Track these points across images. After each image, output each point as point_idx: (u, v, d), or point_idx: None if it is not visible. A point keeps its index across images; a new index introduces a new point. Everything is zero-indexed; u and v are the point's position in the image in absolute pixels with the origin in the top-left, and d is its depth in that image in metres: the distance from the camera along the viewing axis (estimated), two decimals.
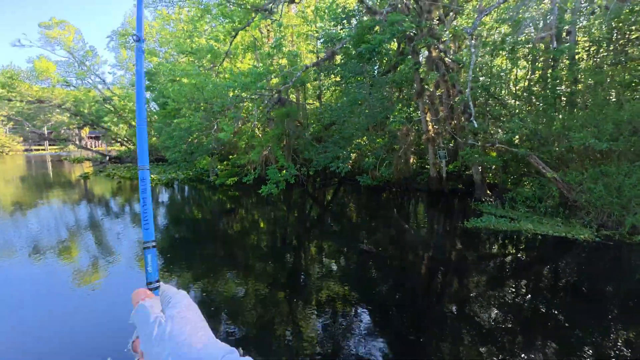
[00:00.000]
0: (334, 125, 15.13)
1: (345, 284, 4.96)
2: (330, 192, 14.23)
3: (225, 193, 13.64)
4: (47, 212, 10.50)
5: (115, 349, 3.45)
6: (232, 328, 3.87)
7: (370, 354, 3.33)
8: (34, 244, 7.06)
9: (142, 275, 2.86)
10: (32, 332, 3.83)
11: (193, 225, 9.12)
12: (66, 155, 36.99)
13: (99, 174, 20.20)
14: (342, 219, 9.37)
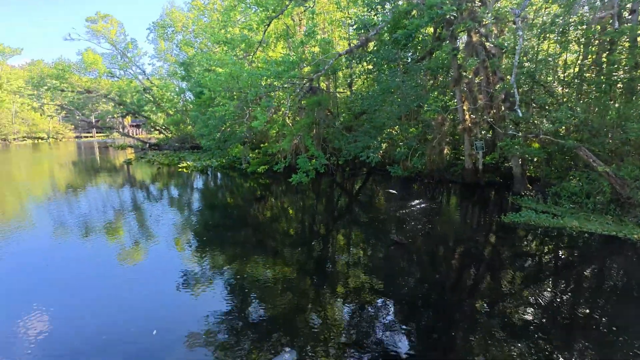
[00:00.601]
0: (364, 115, 14.88)
1: (373, 273, 4.96)
2: (360, 182, 14.12)
3: (256, 181, 13.99)
4: (96, 195, 11.39)
5: (152, 317, 3.73)
6: (261, 310, 4.02)
7: (395, 345, 3.33)
8: (85, 224, 7.72)
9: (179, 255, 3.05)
10: (88, 303, 4.23)
11: (226, 210, 9.48)
12: (111, 142, 39.65)
13: (140, 160, 21.49)
14: (371, 209, 9.30)
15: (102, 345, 3.34)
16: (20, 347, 3.32)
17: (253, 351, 3.26)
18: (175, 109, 28.36)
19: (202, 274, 4.95)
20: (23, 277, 4.94)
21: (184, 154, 22.55)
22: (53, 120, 48.57)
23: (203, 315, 3.85)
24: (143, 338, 3.44)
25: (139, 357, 3.19)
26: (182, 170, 16.79)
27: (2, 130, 40.83)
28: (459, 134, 12.62)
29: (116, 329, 3.62)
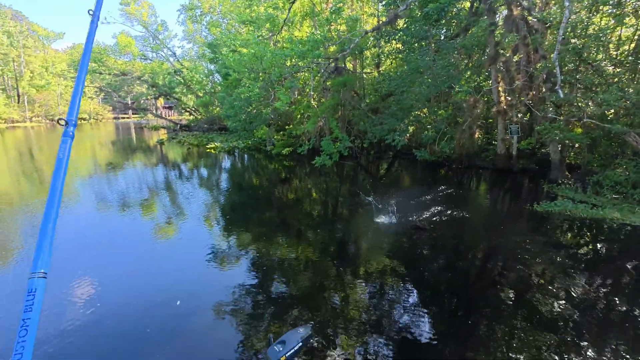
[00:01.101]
0: (392, 96, 14.42)
1: (394, 258, 4.93)
2: (384, 165, 13.88)
3: (280, 162, 14.17)
4: (133, 173, 12.09)
5: (178, 289, 3.98)
6: (282, 287, 4.15)
7: (413, 330, 3.33)
8: (123, 200, 8.26)
9: (207, 232, 3.17)
10: (123, 273, 4.58)
11: (251, 191, 9.73)
12: (145, 123, 41.46)
13: (171, 141, 22.38)
14: (395, 193, 9.16)
15: (128, 312, 3.62)
16: (69, 309, 3.69)
17: (272, 324, 3.40)
18: (204, 90, 28.96)
19: (228, 251, 5.17)
20: (70, 246, 5.42)
21: (212, 135, 23.18)
22: (93, 102, 51.43)
23: (226, 289, 4.04)
24: (167, 307, 3.67)
25: (162, 324, 3.42)
26: (210, 151, 17.31)
27: (50, 112, 43.87)
28: (493, 117, 11.94)
29: (144, 298, 3.89)
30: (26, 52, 42.27)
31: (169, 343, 3.18)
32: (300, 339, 1.13)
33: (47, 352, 3.02)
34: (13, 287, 4.18)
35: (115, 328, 3.37)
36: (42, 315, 3.49)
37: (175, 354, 3.05)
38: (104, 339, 3.20)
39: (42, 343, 3.12)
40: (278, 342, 1.12)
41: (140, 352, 3.05)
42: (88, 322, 3.44)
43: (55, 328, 3.34)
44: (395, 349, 3.08)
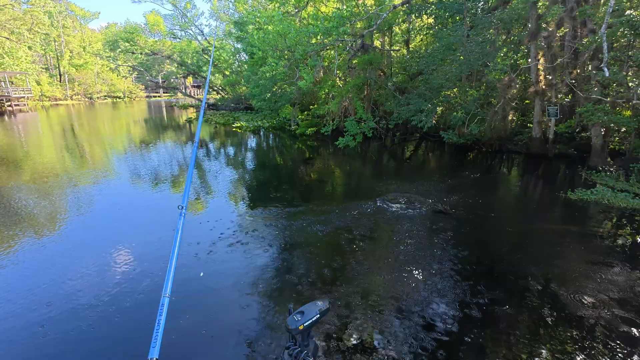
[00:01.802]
0: (420, 75, 13.84)
1: (413, 241, 4.92)
2: (410, 147, 13.56)
3: (304, 142, 14.22)
4: (164, 150, 12.64)
5: (201, 261, 4.23)
6: (303, 263, 4.30)
7: (426, 316, 3.37)
8: (155, 175, 8.72)
9: (232, 208, 3.31)
10: (152, 243, 4.92)
11: (275, 170, 9.91)
12: (175, 102, 42.71)
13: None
14: (419, 176, 8.99)
15: (153, 281, 3.92)
16: (106, 274, 4.06)
17: (291, 297, 3.57)
18: (231, 69, 29.16)
19: (252, 227, 5.37)
20: (108, 217, 5.87)
21: (238, 114, 23.53)
22: (127, 81, 53.38)
23: (248, 263, 4.25)
24: (190, 279, 3.92)
25: (185, 295, 3.65)
26: (236, 130, 17.65)
27: (88, 90, 46.15)
28: (529, 98, 11.20)
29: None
30: (65, 32, 44.18)
31: (190, 311, 3.43)
32: (318, 311, 1.21)
33: (108, 303, 3.37)
34: (62, 254, 4.62)
35: (140, 296, 3.68)
36: (89, 272, 3.83)
37: (197, 321, 3.29)
38: (137, 295, 3.51)
39: (98, 297, 3.48)
40: (297, 312, 1.20)
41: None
42: (125, 282, 3.78)
43: (104, 287, 3.70)
44: (408, 333, 3.14)
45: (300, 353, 1.17)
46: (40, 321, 3.19)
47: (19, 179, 8.20)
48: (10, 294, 3.63)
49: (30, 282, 3.84)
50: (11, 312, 3.33)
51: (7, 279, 3.92)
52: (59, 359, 2.80)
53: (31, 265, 4.25)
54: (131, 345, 2.95)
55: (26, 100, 33.29)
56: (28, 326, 3.14)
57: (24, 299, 3.53)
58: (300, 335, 1.19)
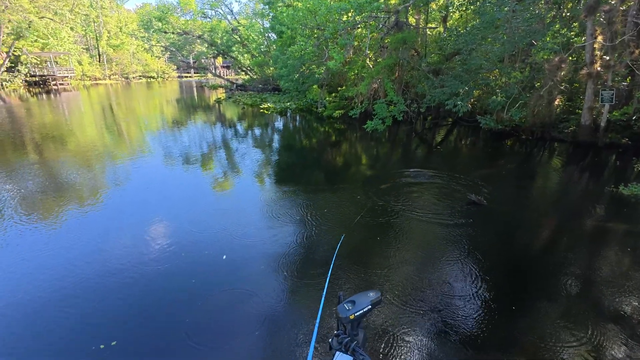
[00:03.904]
0: (457, 55, 12.99)
1: (442, 232, 4.72)
2: (442, 133, 12.96)
3: (331, 125, 13.99)
4: (194, 130, 12.96)
5: (226, 242, 4.30)
6: (325, 253, 4.26)
7: (454, 309, 3.23)
8: (186, 154, 8.97)
9: (258, 189, 3.23)
10: (182, 220, 5.08)
11: (301, 152, 9.86)
12: (205, 82, 43.39)
13: (228, 100, 23.26)
14: (450, 163, 8.58)
15: (181, 249, 4.04)
16: (140, 242, 4.25)
17: (317, 280, 3.56)
18: (259, 49, 28.96)
19: (277, 208, 5.39)
20: (142, 191, 6.13)
21: (266, 96, 23.52)
22: (160, 61, 54.81)
23: (274, 245, 4.27)
24: (214, 261, 3.98)
25: (206, 276, 3.71)
26: (264, 111, 17.68)
27: (125, 70, 47.95)
28: (580, 81, 10.19)
29: (194, 247, 4.27)
30: (103, 12, 45.66)
31: (215, 295, 3.51)
32: (370, 302, 1.17)
33: (135, 277, 3.55)
34: (104, 225, 4.89)
35: (165, 274, 3.81)
36: (127, 246, 4.00)
37: (224, 306, 3.37)
38: (159, 267, 3.65)
39: (122, 270, 3.67)
40: (348, 301, 1.17)
41: (187, 299, 3.41)
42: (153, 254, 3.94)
43: (137, 257, 3.89)
44: (427, 327, 3.04)
45: (350, 342, 1.15)
46: (79, 280, 3.41)
47: (65, 154, 8.74)
48: (57, 254, 3.90)
49: (73, 246, 4.10)
50: (58, 270, 3.58)
51: (55, 242, 4.21)
52: (96, 314, 2.98)
53: (74, 231, 4.54)
54: (160, 304, 3.08)
55: (69, 79, 35.21)
56: (72, 284, 3.36)
57: (68, 259, 3.78)
58: (350, 324, 1.17)
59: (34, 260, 3.94)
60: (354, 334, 1.18)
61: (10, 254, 4.08)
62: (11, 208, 5.37)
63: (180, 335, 2.87)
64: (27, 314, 3.11)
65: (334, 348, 1.18)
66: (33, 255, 4.05)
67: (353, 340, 1.16)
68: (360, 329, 1.20)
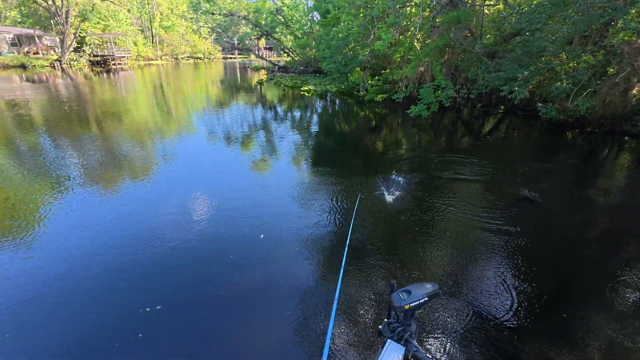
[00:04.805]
0: (518, 36, 11.81)
1: (486, 230, 4.42)
2: (492, 121, 12.04)
3: (372, 109, 13.60)
4: (236, 110, 13.30)
5: (263, 222, 4.39)
6: (358, 242, 4.19)
7: (496, 315, 3.03)
8: (227, 134, 9.25)
9: (296, 171, 3.18)
10: (223, 198, 5.27)
11: (339, 136, 9.72)
12: (248, 63, 44.14)
13: (269, 82, 23.49)
14: (501, 155, 7.97)
15: (224, 223, 4.19)
16: (188, 219, 4.50)
17: (355, 271, 3.53)
18: (303, 30, 28.66)
19: (312, 192, 5.40)
20: (188, 168, 6.46)
21: (307, 78, 23.38)
22: (207, 42, 56.51)
23: (309, 229, 4.29)
24: (251, 239, 4.07)
25: (244, 252, 3.81)
26: (304, 93, 17.62)
27: (174, 51, 50.18)
28: None
29: (233, 224, 4.40)
30: None
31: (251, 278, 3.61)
32: (426, 294, 1.12)
33: (179, 247, 3.79)
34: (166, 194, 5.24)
35: (206, 248, 3.98)
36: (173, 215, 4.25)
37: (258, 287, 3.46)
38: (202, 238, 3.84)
39: (169, 240, 3.92)
40: (403, 290, 1.14)
41: (223, 276, 3.54)
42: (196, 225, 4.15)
43: (182, 229, 4.13)
44: (468, 327, 2.88)
45: (404, 332, 1.13)
46: (130, 247, 3.70)
47: (121, 129, 9.45)
48: (112, 221, 4.27)
49: (126, 214, 4.45)
50: (112, 237, 3.92)
51: (110, 210, 4.60)
52: (145, 279, 3.23)
53: (127, 200, 4.92)
54: (200, 274, 3.25)
55: (126, 59, 37.65)
56: (123, 250, 3.66)
57: (122, 227, 4.12)
58: (404, 314, 1.14)
59: (93, 226, 4.33)
60: (407, 324, 1.15)
61: (74, 218, 4.53)
62: (76, 176, 5.94)
63: (218, 305, 3.02)
64: (87, 274, 3.44)
65: (385, 335, 1.16)
66: (92, 220, 4.45)
67: (406, 330, 1.13)
68: (413, 320, 1.17)
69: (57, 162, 6.58)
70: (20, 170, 6.13)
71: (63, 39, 30.08)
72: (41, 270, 3.46)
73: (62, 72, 27.18)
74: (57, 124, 9.80)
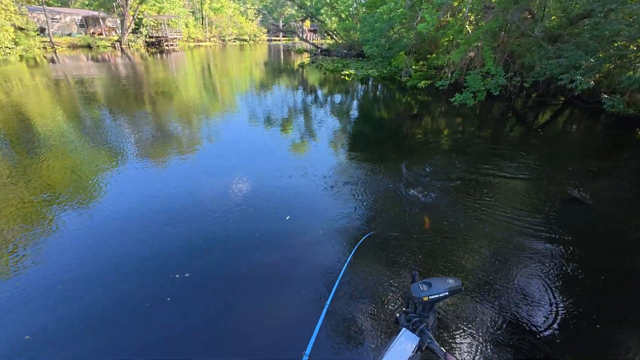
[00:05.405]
0: (587, 18, 10.52)
1: (528, 232, 4.18)
2: (548, 113, 11.05)
3: (414, 96, 13.09)
4: (277, 92, 13.55)
5: (291, 205, 4.53)
6: (387, 235, 4.19)
7: (534, 327, 2.91)
8: (267, 115, 9.52)
9: (332, 156, 3.26)
10: (260, 179, 5.51)
11: (378, 123, 9.55)
12: (292, 46, 44.18)
13: (311, 65, 23.41)
14: (552, 150, 7.35)
15: (265, 202, 4.41)
16: (222, 196, 4.80)
17: (389, 255, 3.59)
18: (348, 12, 27.90)
19: (345, 179, 5.44)
20: (228, 147, 6.80)
21: (349, 62, 22.94)
22: (253, 24, 57.28)
23: (336, 216, 4.37)
24: (278, 219, 4.22)
25: (268, 232, 3.97)
26: (344, 78, 17.38)
27: (222, 32, 51.60)
28: None
29: (263, 203, 4.59)
30: None
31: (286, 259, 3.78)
32: (447, 288, 1.15)
33: (210, 220, 4.10)
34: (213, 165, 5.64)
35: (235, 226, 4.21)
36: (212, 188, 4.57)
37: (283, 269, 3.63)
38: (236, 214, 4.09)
39: (210, 211, 4.24)
40: (424, 282, 1.17)
41: (251, 253, 3.75)
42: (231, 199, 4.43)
43: (217, 204, 4.44)
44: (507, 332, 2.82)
45: (420, 323, 1.14)
46: (171, 215, 4.07)
47: (171, 108, 10.12)
48: (157, 191, 4.70)
49: (170, 185, 4.87)
50: (158, 204, 4.33)
51: (157, 181, 5.05)
52: (178, 247, 3.56)
53: (172, 173, 5.36)
54: (228, 248, 3.51)
55: (177, 40, 39.50)
56: (165, 218, 4.05)
57: (166, 196, 4.52)
58: (422, 305, 1.16)
59: (139, 194, 4.79)
60: (424, 316, 1.16)
61: (126, 185, 5.04)
62: (129, 148, 6.54)
63: (238, 278, 3.25)
64: (131, 237, 3.86)
65: (402, 324, 1.17)
66: (141, 188, 4.92)
67: (423, 322, 1.14)
68: (431, 313, 1.17)
69: (116, 136, 7.28)
70: (85, 141, 6.88)
71: (123, 20, 32.26)
72: (96, 229, 3.94)
73: (121, 52, 29.34)
74: (116, 101, 10.73)
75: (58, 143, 6.71)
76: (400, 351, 1.09)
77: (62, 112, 9.14)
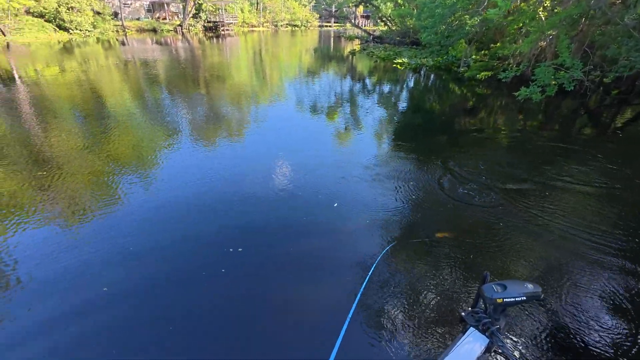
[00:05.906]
0: None
1: (604, 247, 3.72)
2: (629, 113, 9.67)
3: (471, 88, 12.21)
4: (325, 80, 13.47)
5: (338, 192, 4.48)
6: (430, 233, 4.00)
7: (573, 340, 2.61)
8: (314, 102, 9.52)
9: (378, 147, 3.14)
10: (304, 165, 5.55)
11: (429, 116, 9.09)
12: (343, 32, 43.43)
13: (362, 52, 22.84)
14: (633, 156, 6.43)
15: (310, 188, 4.44)
16: (270, 178, 4.94)
17: (426, 252, 3.46)
18: None
19: (390, 171, 5.28)
20: (275, 132, 6.94)
21: (402, 50, 21.99)
22: (306, 9, 57.12)
23: (381, 207, 4.27)
24: (326, 206, 4.24)
25: (317, 217, 4.01)
26: (396, 66, 16.71)
27: (275, 18, 52.25)
28: None
29: (311, 189, 4.62)
30: None
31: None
32: (524, 293, 1.08)
33: (262, 197, 4.24)
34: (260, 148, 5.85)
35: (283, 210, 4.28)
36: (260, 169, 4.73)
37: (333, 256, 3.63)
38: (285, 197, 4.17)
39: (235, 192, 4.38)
40: (498, 284, 1.10)
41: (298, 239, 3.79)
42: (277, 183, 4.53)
43: (267, 187, 4.58)
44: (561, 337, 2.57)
45: (491, 325, 1.09)
46: (223, 192, 4.27)
47: (223, 91, 10.56)
48: (211, 169, 4.96)
49: (220, 165, 5.11)
50: (213, 181, 4.58)
51: (209, 160, 5.33)
52: (232, 223, 3.73)
53: (222, 153, 5.62)
54: (277, 229, 3.61)
55: (233, 25, 40.84)
56: (217, 196, 4.27)
57: (220, 175, 4.76)
58: (494, 307, 1.10)
59: (195, 172, 5.09)
60: (495, 318, 1.11)
61: (182, 163, 5.39)
62: (184, 129, 6.95)
63: (284, 259, 3.33)
64: (188, 212, 4.13)
65: (469, 323, 1.13)
66: (198, 166, 5.23)
67: (494, 324, 1.09)
68: (502, 316, 1.12)
69: (174, 116, 7.78)
70: (147, 119, 7.46)
71: (185, 5, 34.02)
72: (155, 202, 4.27)
73: (182, 36, 31.09)
74: (175, 83, 11.44)
75: (125, 119, 7.35)
76: (467, 350, 1.05)
77: (128, 91, 9.98)
